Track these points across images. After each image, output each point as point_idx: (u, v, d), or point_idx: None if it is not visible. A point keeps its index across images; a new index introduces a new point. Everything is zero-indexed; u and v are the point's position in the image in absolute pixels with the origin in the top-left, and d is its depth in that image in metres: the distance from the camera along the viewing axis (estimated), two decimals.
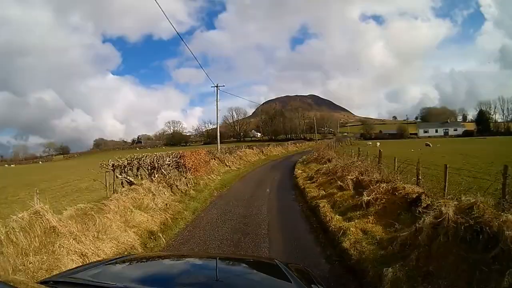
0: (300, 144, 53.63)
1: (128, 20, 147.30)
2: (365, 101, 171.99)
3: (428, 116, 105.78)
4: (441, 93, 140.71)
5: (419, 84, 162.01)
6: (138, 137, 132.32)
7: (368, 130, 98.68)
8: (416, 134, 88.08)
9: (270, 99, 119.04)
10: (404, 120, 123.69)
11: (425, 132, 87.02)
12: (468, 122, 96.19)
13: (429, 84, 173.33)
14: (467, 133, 79.75)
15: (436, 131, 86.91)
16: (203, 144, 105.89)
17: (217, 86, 23.91)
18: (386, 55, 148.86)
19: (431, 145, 42.90)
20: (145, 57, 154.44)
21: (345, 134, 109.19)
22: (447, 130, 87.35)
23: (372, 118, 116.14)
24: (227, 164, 20.36)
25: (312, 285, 1.77)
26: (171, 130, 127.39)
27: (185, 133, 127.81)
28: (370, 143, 49.13)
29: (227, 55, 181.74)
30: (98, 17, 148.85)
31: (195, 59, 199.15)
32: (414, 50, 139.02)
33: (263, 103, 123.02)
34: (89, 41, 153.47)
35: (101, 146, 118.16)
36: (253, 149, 31.84)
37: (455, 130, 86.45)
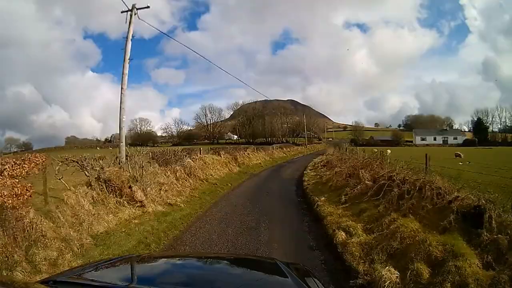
0: (288, 149, 41.17)
1: (110, 15, 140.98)
2: (344, 108, 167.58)
3: (414, 124, 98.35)
4: (421, 102, 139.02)
5: (400, 93, 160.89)
6: (111, 136, 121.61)
7: (358, 135, 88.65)
8: (411, 141, 79.21)
9: (248, 102, 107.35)
10: (388, 127, 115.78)
11: (423, 139, 78.26)
12: (463, 131, 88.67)
13: (410, 93, 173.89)
14: (468, 142, 71.34)
15: (435, 139, 78.40)
16: (172, 145, 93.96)
17: (131, 11, 10.77)
18: (369, 62, 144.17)
19: (462, 155, 31.84)
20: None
21: (330, 139, 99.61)
22: (446, 138, 79.27)
23: (360, 125, 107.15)
24: (136, 199, 7.49)
25: (310, 284, 1.72)
26: (138, 129, 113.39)
27: (153, 132, 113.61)
28: (376, 150, 37.52)
29: (207, 57, 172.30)
30: (80, 11, 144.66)
31: (177, 59, 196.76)
32: (397, 59, 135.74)
33: (240, 106, 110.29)
34: (70, 36, 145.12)
35: (72, 143, 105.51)
36: (220, 155, 18.92)
37: (455, 138, 78.44)
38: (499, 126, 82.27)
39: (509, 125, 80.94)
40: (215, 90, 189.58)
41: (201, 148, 18.24)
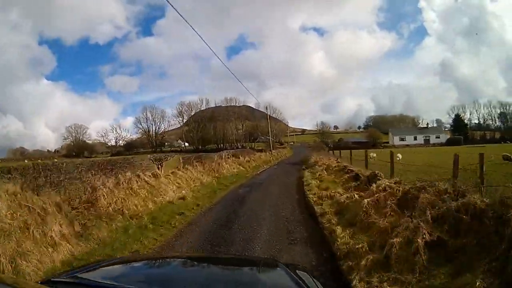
0: (246, 158, 24.76)
1: (66, 20, 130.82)
2: (301, 112, 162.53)
3: (379, 125, 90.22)
4: (377, 104, 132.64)
5: (356, 96, 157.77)
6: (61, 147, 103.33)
7: (327, 138, 76.49)
8: (387, 142, 69.00)
9: (202, 109, 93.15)
10: (359, 130, 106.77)
11: (402, 139, 68.21)
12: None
13: (366, 96, 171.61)
14: (453, 141, 62.35)
15: (415, 139, 68.72)
16: (110, 156, 74.36)
17: None
18: (326, 66, 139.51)
19: None
20: (79, 62, 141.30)
21: (292, 143, 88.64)
22: (427, 137, 69.82)
23: (326, 127, 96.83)
24: None
25: (310, 285, 1.72)
26: (73, 138, 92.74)
27: (88, 141, 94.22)
28: (374, 154, 23.96)
29: (162, 63, 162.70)
30: (37, 15, 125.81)
31: (130, 66, 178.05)
32: (355, 62, 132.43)
33: (194, 113, 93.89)
34: (26, 42, 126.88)
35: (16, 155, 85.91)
36: None
37: (438, 137, 69.27)
38: (477, 123, 76.02)
39: (492, 122, 74.81)
40: (171, 96, 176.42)
41: None
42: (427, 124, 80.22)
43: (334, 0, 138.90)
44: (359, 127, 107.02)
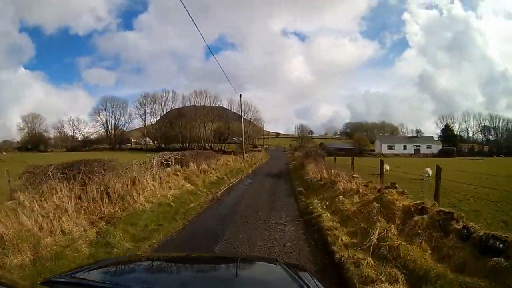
0: (204, 166, 15.28)
1: (47, 7, 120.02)
2: (276, 116, 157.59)
3: (358, 132, 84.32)
4: (353, 112, 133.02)
5: (332, 103, 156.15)
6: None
7: (306, 143, 68.70)
8: (373, 150, 62.22)
9: (168, 103, 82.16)
10: (324, 135, 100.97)
11: (390, 148, 61.59)
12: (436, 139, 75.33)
13: (342, 103, 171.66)
14: (446, 152, 56.17)
15: (405, 148, 62.47)
16: (66, 151, 67.07)
17: None
18: (305, 71, 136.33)
19: None
20: (58, 52, 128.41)
21: (266, 146, 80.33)
22: (418, 147, 63.59)
23: (306, 130, 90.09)
24: None
25: (310, 284, 1.69)
26: (29, 129, 79.58)
27: (45, 134, 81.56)
28: (387, 166, 16.02)
29: (140, 59, 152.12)
30: (19, 1, 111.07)
31: (108, 59, 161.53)
32: (334, 69, 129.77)
33: (158, 108, 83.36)
34: (7, 28, 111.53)
35: None
36: None
37: (429, 147, 63.38)
38: (467, 134, 71.54)
39: (483, 135, 70.50)
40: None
41: None
42: (417, 132, 74.25)
43: (317, 6, 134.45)
44: (335, 133, 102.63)
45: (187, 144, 68.90)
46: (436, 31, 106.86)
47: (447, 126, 69.41)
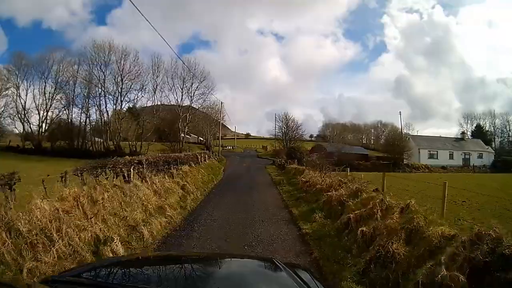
0: None
1: None
2: (246, 118, 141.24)
3: (335, 135, 70.37)
4: (326, 115, 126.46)
5: (305, 106, 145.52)
6: None
7: (288, 145, 45.30)
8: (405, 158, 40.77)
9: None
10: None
11: (431, 156, 42.21)
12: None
13: (316, 106, 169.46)
14: (503, 165, 38.15)
15: (451, 157, 43.35)
16: None
17: None
18: (279, 73, 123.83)
19: None
20: (30, 46, 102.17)
21: (229, 147, 62.19)
22: (467, 156, 44.26)
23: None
24: None
25: (310, 284, 1.66)
26: None
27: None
28: None
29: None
30: None
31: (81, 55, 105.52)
32: (308, 72, 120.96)
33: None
34: None
35: None
36: None
37: (479, 157, 44.34)
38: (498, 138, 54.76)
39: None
40: None
41: None
42: (464, 133, 50.64)
43: (294, 7, 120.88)
44: (311, 136, 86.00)
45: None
46: (415, 35, 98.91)
47: (478, 126, 53.09)
